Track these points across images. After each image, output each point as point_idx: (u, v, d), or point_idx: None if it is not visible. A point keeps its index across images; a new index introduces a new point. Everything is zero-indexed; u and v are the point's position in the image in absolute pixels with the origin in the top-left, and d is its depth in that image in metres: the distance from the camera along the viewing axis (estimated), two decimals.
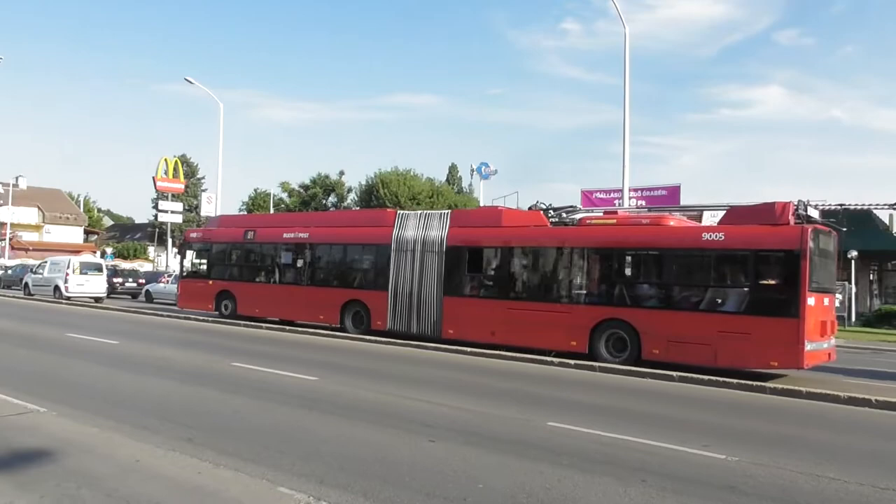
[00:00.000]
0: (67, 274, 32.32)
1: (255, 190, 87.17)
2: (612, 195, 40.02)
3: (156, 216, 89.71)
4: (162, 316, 24.72)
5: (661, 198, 39.76)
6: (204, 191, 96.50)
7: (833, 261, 15.33)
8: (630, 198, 30.55)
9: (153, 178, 49.43)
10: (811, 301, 13.71)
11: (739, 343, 14.11)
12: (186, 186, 63.09)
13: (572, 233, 17.20)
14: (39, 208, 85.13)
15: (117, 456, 6.64)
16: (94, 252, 73.81)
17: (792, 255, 13.81)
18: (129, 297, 36.16)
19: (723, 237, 14.71)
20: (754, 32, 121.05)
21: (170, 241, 55.89)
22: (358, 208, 63.54)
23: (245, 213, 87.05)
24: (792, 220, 14.35)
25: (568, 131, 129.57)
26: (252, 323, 21.81)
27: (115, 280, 36.66)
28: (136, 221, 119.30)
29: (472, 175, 67.01)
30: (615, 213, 19.33)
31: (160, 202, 52.72)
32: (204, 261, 24.54)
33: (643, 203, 37.25)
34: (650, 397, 11.84)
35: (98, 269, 33.67)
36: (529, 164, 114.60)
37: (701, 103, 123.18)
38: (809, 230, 13.86)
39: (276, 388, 10.92)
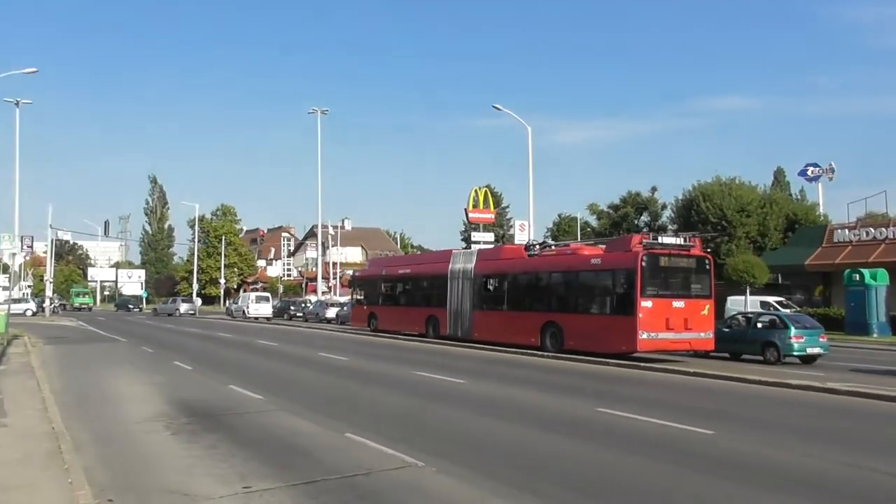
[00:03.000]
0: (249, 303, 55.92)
1: (560, 215, 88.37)
2: None
3: (466, 248, 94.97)
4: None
5: None
6: (508, 219, 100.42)
7: (687, 273, 22.05)
8: None
9: (465, 209, 51.84)
10: (648, 304, 20.70)
11: (608, 334, 21.64)
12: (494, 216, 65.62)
13: (522, 262, 26.28)
14: (363, 247, 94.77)
15: None
16: None
17: (630, 272, 21.07)
18: None
19: (600, 261, 22.96)
20: None
21: None
22: (674, 227, 60.97)
23: (550, 238, 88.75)
24: (638, 248, 21.21)
25: None
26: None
27: None
28: None
29: (813, 179, 60.66)
30: (567, 244, 28.93)
31: (472, 233, 55.11)
32: (361, 292, 36.42)
33: None
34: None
35: (266, 299, 56.70)
36: (874, 159, 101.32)
37: None
38: (641, 254, 20.93)
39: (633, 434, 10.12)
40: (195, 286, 79.94)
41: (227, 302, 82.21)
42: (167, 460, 8.87)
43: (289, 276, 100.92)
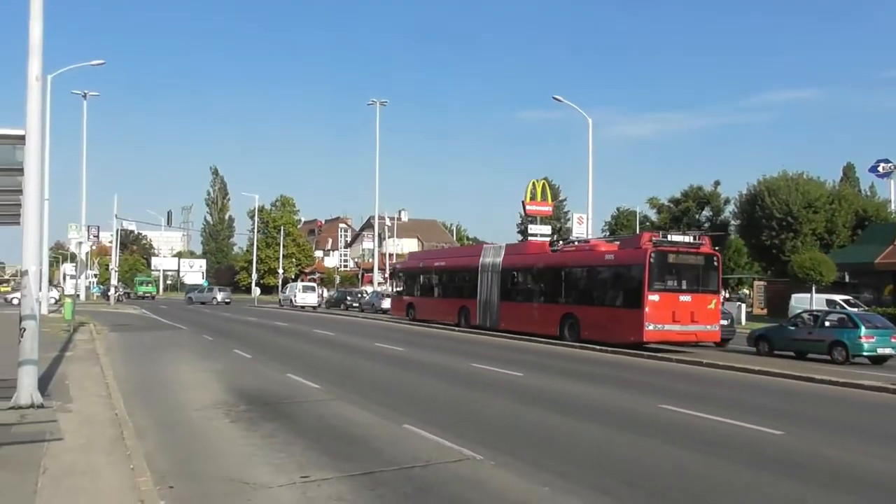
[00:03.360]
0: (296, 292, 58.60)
1: (618, 209, 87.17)
2: None
3: (522, 241, 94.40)
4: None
5: None
6: (566, 212, 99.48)
7: (695, 270, 23.49)
8: None
9: (522, 202, 51.46)
10: (655, 297, 22.35)
11: (618, 325, 23.23)
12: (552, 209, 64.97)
13: (545, 257, 27.92)
14: (419, 238, 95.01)
15: None
16: None
17: (639, 268, 22.65)
18: None
19: (613, 257, 24.47)
20: None
21: None
22: (737, 222, 59.49)
23: (608, 233, 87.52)
24: (648, 245, 22.87)
25: None
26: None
27: None
28: None
29: (884, 175, 58.51)
30: (588, 241, 30.22)
31: (530, 226, 54.70)
32: (401, 284, 38.57)
33: None
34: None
35: (312, 289, 60.25)
36: None
37: None
38: (650, 251, 22.58)
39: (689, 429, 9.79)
40: (254, 276, 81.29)
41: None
42: (226, 448, 8.93)
43: (345, 266, 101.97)
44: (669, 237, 24.08)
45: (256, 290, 68.82)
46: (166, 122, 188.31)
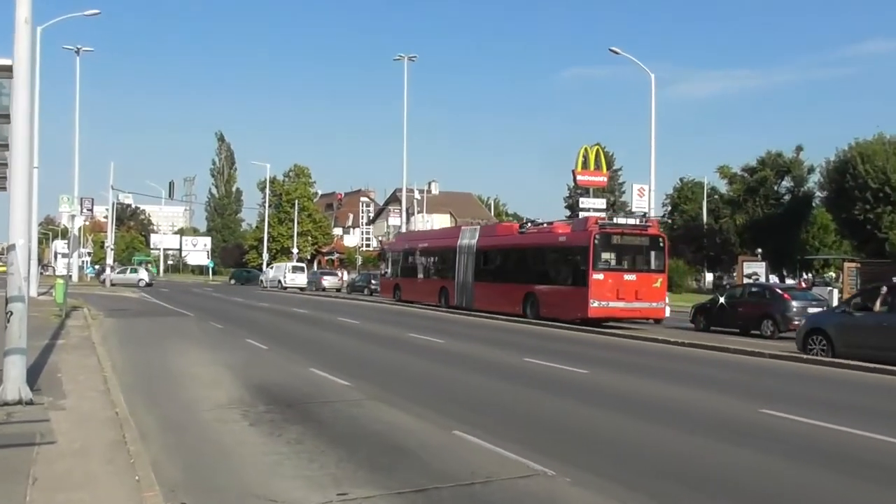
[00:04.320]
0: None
1: (681, 180, 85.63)
2: None
3: (570, 216, 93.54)
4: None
5: None
6: (621, 184, 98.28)
7: (639, 250, 27.94)
8: None
9: (573, 171, 50.66)
10: (599, 276, 26.75)
11: (568, 302, 27.75)
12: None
13: (513, 239, 32.83)
14: (451, 214, 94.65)
15: None
16: None
17: (585, 248, 27.07)
18: None
19: (565, 239, 29.25)
20: None
21: None
22: (823, 194, 58.19)
23: (669, 207, 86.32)
24: (594, 227, 27.28)
25: None
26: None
27: None
28: None
29: None
30: (552, 223, 33.10)
31: (580, 199, 53.88)
32: (388, 264, 43.90)
33: None
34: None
35: (302, 269, 66.83)
36: None
37: None
38: (594, 232, 26.93)
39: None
40: (265, 256, 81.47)
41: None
42: (247, 456, 8.54)
43: (368, 245, 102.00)
44: (615, 220, 29.70)
45: (269, 272, 69.09)
46: (168, 82, 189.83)
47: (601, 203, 53.40)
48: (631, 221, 28.70)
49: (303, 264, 73.11)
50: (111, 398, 11.02)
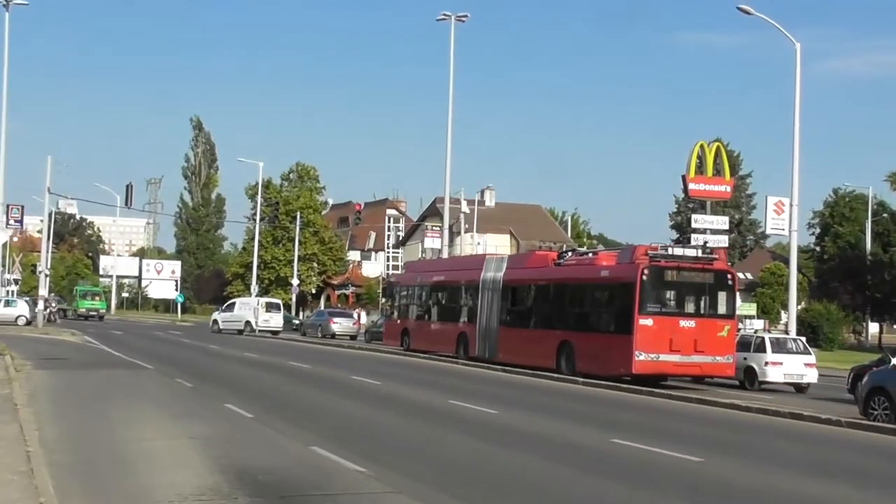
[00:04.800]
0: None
1: (835, 192, 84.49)
2: None
3: (677, 239, 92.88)
4: None
5: None
6: (749, 195, 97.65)
7: (701, 290, 29.85)
8: None
9: (683, 176, 50.09)
10: (647, 322, 28.28)
11: (609, 354, 29.61)
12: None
13: (546, 272, 34.95)
14: (511, 233, 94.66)
15: None
16: None
17: (629, 286, 28.71)
18: None
19: (608, 273, 31.21)
20: None
21: None
22: None
23: (818, 229, 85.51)
24: (643, 259, 28.89)
25: None
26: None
27: None
28: None
29: None
30: (596, 252, 38.47)
31: (693, 216, 53.03)
32: (396, 303, 47.82)
33: None
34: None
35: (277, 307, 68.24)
36: None
37: None
38: (642, 266, 28.47)
39: None
40: (254, 288, 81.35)
41: (301, 313, 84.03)
42: None
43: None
44: (671, 250, 30.46)
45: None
46: (128, 52, 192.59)
47: (722, 222, 53.07)
48: (690, 253, 30.38)
49: (279, 301, 74.16)
50: (35, 484, 11.01)
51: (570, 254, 36.59)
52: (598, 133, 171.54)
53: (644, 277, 28.17)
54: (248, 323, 65.44)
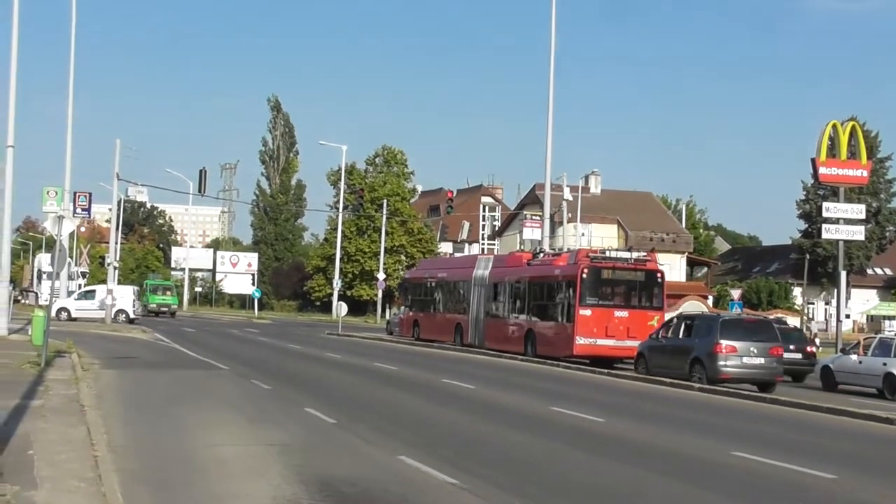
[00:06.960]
0: None
1: None
2: None
3: (807, 230, 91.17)
4: None
5: None
6: (889, 181, 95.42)
7: (633, 286, 39.74)
8: None
9: (812, 160, 48.96)
10: (587, 312, 37.64)
11: (558, 339, 39.49)
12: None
13: (518, 271, 44.95)
14: (619, 223, 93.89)
15: None
16: (706, 297, 77.59)
17: (572, 282, 38.51)
18: (791, 378, 36.11)
19: (559, 272, 40.81)
20: None
21: (843, 273, 54.37)
22: None
23: None
24: (584, 260, 38.82)
25: None
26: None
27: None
28: (766, 244, 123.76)
29: None
30: (559, 254, 47.64)
31: (825, 204, 51.90)
32: (409, 297, 58.73)
33: None
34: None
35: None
36: None
37: None
38: (582, 266, 38.19)
39: None
40: (336, 283, 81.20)
41: (388, 310, 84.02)
42: None
43: None
44: (609, 253, 41.47)
45: (341, 308, 67.89)
46: (199, 29, 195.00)
47: (857, 210, 51.92)
48: (625, 255, 40.09)
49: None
50: (103, 491, 11.15)
51: (541, 255, 46.31)
52: (718, 110, 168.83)
53: (584, 275, 37.65)
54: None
